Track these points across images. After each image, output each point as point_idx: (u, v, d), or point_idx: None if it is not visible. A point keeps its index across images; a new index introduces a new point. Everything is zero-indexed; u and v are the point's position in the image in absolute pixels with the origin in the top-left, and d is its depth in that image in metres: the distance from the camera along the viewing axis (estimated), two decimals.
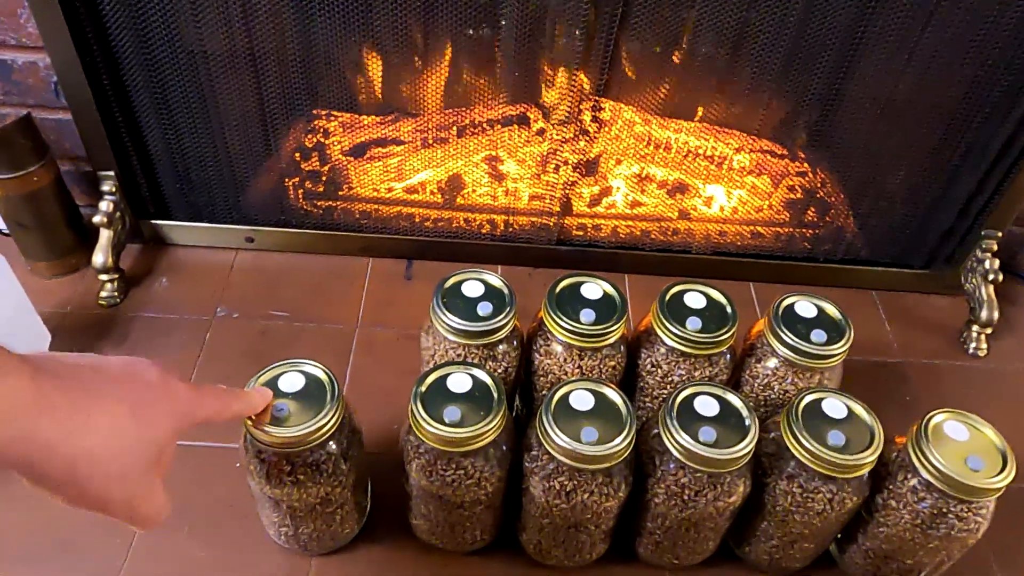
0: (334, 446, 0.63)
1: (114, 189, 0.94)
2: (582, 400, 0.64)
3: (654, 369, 0.73)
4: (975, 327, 0.99)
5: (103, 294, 0.94)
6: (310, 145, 0.97)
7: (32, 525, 0.73)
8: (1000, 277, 0.97)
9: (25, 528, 0.73)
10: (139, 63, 0.85)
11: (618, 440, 0.61)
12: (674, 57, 0.86)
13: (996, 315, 0.98)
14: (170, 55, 0.84)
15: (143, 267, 1.00)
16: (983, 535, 0.65)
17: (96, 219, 0.92)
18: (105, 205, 0.93)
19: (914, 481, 0.64)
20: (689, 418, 0.63)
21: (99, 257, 0.93)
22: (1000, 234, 0.98)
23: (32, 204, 0.91)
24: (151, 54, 0.84)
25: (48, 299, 0.94)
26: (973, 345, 0.99)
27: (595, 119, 0.92)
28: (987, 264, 0.98)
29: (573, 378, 0.67)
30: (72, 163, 0.99)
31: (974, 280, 1.00)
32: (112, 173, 0.93)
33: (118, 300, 0.95)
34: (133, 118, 0.90)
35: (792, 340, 0.70)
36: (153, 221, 1.01)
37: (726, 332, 0.70)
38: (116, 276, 0.94)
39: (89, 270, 0.96)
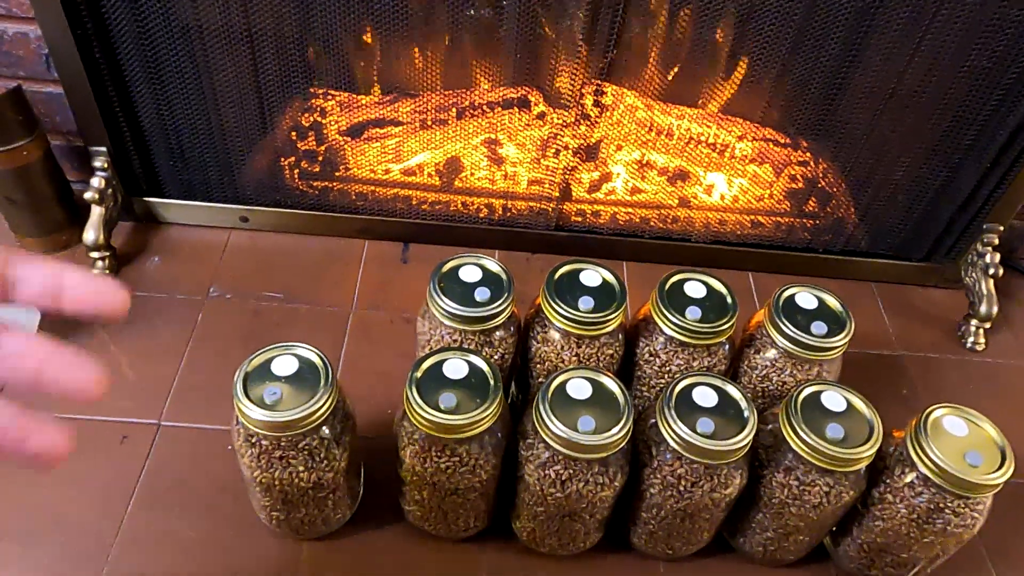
0: (327, 431, 0.62)
1: (106, 165, 0.92)
2: (579, 388, 0.63)
3: (652, 358, 0.72)
4: (974, 321, 0.99)
5: (93, 272, 0.93)
6: (306, 124, 0.95)
7: (23, 503, 0.73)
8: (1000, 271, 0.97)
9: (15, 506, 0.72)
10: (133, 36, 0.83)
11: (615, 430, 0.60)
12: (679, 41, 0.85)
13: (995, 309, 0.97)
14: (165, 29, 0.82)
15: (135, 245, 0.99)
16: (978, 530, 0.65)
17: (87, 195, 0.91)
18: (96, 181, 0.91)
19: (911, 476, 0.64)
20: (687, 408, 0.63)
21: (90, 234, 0.91)
22: (1002, 228, 0.97)
23: (22, 179, 0.89)
24: (145, 27, 0.82)
25: None
26: (971, 339, 0.99)
27: (597, 103, 0.91)
28: (988, 258, 0.97)
29: (570, 366, 0.66)
30: (63, 138, 0.97)
31: (974, 274, 0.99)
32: (104, 148, 0.91)
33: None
34: (126, 92, 0.89)
35: (792, 331, 0.69)
36: (145, 198, 0.99)
37: (726, 322, 0.69)
38: (107, 254, 0.93)
39: (80, 247, 0.94)
